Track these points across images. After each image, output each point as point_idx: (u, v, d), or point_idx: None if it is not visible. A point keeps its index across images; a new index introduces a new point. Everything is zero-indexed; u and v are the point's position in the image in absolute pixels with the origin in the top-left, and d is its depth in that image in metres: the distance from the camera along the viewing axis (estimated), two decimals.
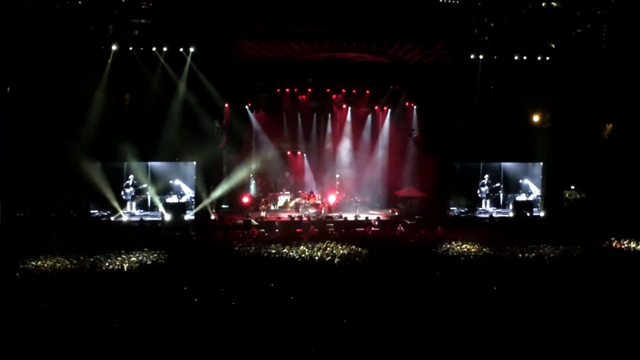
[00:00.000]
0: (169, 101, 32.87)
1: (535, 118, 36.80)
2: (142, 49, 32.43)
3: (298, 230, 31.23)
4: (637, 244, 27.37)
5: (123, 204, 33.41)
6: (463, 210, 35.55)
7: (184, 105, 32.88)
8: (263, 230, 30.76)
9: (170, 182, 34.69)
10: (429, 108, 36.18)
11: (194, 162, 33.63)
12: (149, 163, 34.16)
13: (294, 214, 34.93)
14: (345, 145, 39.94)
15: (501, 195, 36.96)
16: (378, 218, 34.36)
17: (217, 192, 34.48)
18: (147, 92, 32.77)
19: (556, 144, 35.00)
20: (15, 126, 30.49)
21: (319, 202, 36.60)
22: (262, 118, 39.12)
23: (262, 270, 22.53)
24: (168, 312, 17.34)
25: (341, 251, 25.40)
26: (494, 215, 35.34)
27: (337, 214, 35.07)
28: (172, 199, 33.94)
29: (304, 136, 40.14)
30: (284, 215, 34.96)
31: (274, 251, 25.34)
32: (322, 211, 35.52)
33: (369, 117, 40.21)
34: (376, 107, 40.04)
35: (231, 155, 36.64)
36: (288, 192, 38.37)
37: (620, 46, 35.92)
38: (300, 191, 38.12)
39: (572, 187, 36.69)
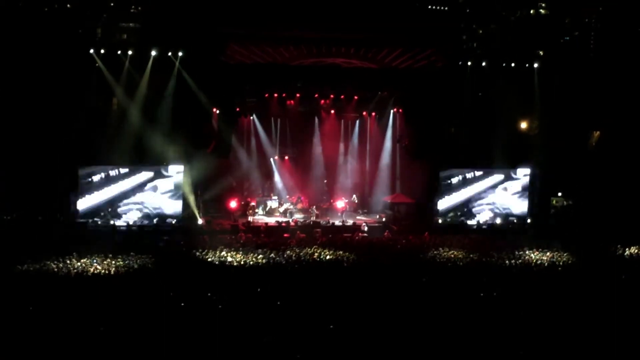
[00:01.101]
0: (157, 105, 32.72)
1: (523, 125, 36.88)
2: (130, 53, 32.34)
3: (285, 235, 31.12)
4: (624, 250, 27.52)
5: None
6: (450, 216, 35.51)
7: (172, 110, 32.73)
8: (250, 235, 30.65)
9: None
10: (417, 114, 36.14)
11: (182, 167, 33.44)
12: (137, 167, 33.96)
13: (282, 219, 34.90)
14: (333, 151, 39.88)
15: None
16: (366, 223, 34.30)
17: (205, 197, 34.31)
18: (135, 96, 32.64)
19: (544, 151, 35.12)
20: (3, 130, 30.37)
21: (307, 207, 36.59)
22: (251, 123, 39.10)
23: (249, 275, 22.51)
24: (154, 317, 17.27)
25: (328, 256, 25.42)
26: (481, 221, 35.38)
27: (325, 220, 35.02)
28: None
29: (292, 141, 40.10)
30: (272, 220, 34.89)
31: (261, 256, 25.30)
32: (311, 216, 35.48)
33: (357, 122, 40.22)
34: (364, 113, 40.03)
35: (219, 160, 36.47)
36: (276, 197, 38.31)
37: (608, 54, 36.12)
38: (288, 196, 38.11)
39: (560, 194, 36.81)
